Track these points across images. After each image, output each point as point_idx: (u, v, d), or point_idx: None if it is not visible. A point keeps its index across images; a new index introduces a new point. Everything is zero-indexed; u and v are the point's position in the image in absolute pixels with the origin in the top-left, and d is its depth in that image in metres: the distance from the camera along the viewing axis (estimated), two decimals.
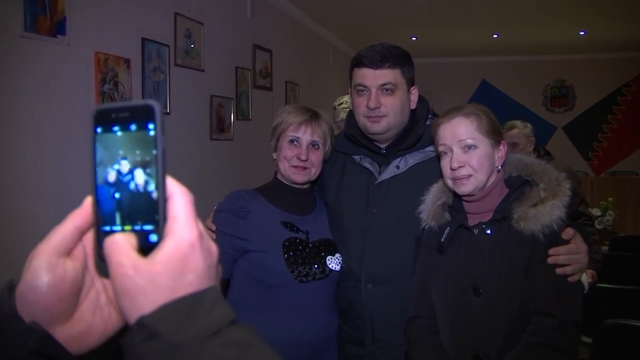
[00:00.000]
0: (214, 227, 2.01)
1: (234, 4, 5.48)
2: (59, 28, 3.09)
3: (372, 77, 1.97)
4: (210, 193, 4.64)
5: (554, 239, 1.63)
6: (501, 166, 1.76)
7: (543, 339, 1.58)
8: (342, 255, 2.06)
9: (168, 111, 4.20)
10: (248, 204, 2.00)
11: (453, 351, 1.72)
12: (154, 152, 0.59)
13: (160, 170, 0.59)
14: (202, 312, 0.55)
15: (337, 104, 3.92)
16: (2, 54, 2.73)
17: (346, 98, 3.82)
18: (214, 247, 0.61)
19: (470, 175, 1.70)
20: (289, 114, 2.03)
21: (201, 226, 0.60)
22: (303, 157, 1.98)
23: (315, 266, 1.97)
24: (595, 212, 7.32)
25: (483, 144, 1.71)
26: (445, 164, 1.74)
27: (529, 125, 3.71)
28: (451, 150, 1.72)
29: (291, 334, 1.93)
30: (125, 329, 0.60)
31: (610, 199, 7.99)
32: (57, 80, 3.12)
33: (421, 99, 2.10)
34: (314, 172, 2.03)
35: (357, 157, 2.11)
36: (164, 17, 4.21)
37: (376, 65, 1.96)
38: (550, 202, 1.62)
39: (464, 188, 1.71)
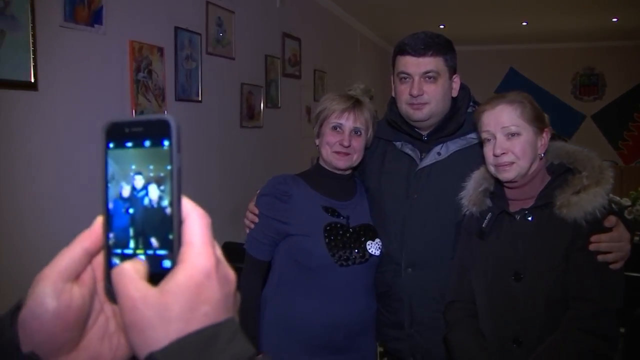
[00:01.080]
0: (257, 211, 2.05)
1: None
2: (95, 18, 3.14)
3: (415, 64, 1.98)
4: (240, 180, 4.70)
5: (597, 226, 1.63)
6: (544, 153, 1.76)
7: (583, 324, 1.59)
8: (382, 240, 2.08)
9: (200, 99, 4.24)
10: (290, 188, 2.03)
11: (492, 335, 1.74)
12: (169, 168, 0.56)
13: (175, 189, 0.56)
14: (218, 349, 0.50)
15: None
16: (44, 44, 2.79)
17: (357, 90, 3.92)
18: (231, 275, 0.56)
19: (512, 162, 1.71)
20: (332, 100, 2.05)
21: (219, 252, 0.56)
22: (345, 144, 2.01)
23: (356, 251, 2.00)
24: (625, 201, 7.25)
25: (526, 131, 1.71)
26: (488, 151, 1.75)
27: (545, 115, 3.68)
28: (494, 137, 1.73)
29: (330, 316, 1.97)
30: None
31: None
32: (93, 68, 3.17)
33: (463, 87, 2.11)
34: (355, 158, 2.05)
35: (398, 144, 2.13)
36: (196, 6, 4.25)
37: (419, 53, 1.97)
38: (593, 190, 1.62)
39: (507, 174, 1.72)
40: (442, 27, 9.04)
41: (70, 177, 3.03)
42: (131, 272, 0.52)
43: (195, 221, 0.55)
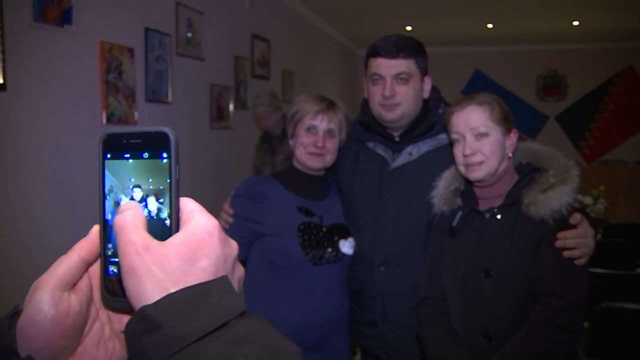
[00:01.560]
0: (231, 211, 2.07)
1: None
2: (65, 17, 3.13)
3: (387, 66, 2.02)
4: (209, 181, 4.70)
5: (563, 223, 1.68)
6: (512, 153, 1.81)
7: (550, 319, 1.64)
8: (355, 239, 2.12)
9: (170, 100, 4.23)
10: (264, 188, 2.06)
11: (463, 330, 1.79)
12: (168, 181, 0.56)
13: (174, 201, 0.56)
14: (210, 303, 0.50)
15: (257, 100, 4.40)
16: (13, 44, 2.77)
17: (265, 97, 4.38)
18: (234, 243, 0.58)
19: (482, 162, 1.76)
20: (306, 102, 2.09)
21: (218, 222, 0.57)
22: (319, 144, 2.04)
23: (329, 249, 2.03)
24: (587, 200, 7.44)
25: (495, 132, 1.76)
26: (458, 151, 1.80)
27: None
28: (464, 138, 1.78)
29: (304, 315, 2.00)
30: None
31: (602, 187, 8.11)
32: (63, 69, 3.16)
33: (434, 89, 2.16)
34: (329, 159, 2.09)
35: (370, 144, 2.17)
36: (166, 7, 4.25)
37: (391, 55, 2.01)
38: (560, 188, 1.68)
39: (476, 174, 1.77)
40: (409, 28, 9.14)
41: (40, 177, 3.01)
42: (135, 219, 0.54)
43: (188, 200, 0.58)
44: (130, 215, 0.54)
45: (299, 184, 2.11)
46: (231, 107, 5.31)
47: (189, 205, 0.57)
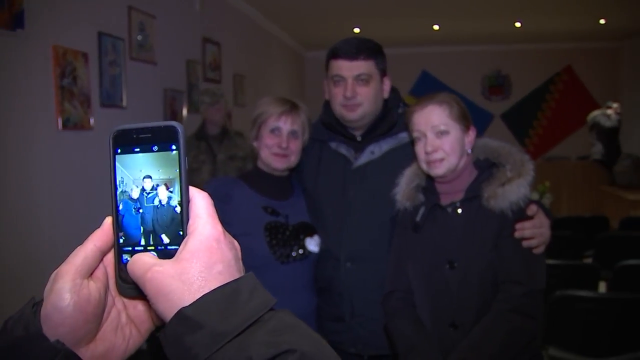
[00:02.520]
0: None
1: None
2: (17, 21, 3.08)
3: (347, 68, 2.08)
4: None
5: (520, 214, 1.77)
6: (471, 150, 1.89)
7: (512, 305, 1.72)
8: (321, 237, 2.17)
9: (124, 105, 4.20)
10: (230, 189, 2.10)
11: (430, 321, 1.85)
12: (177, 171, 0.60)
13: (184, 189, 0.60)
14: (243, 300, 0.55)
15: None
16: None
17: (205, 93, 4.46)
18: (237, 243, 0.62)
19: (443, 159, 1.83)
20: (269, 104, 2.13)
21: (221, 227, 0.61)
22: (283, 145, 2.09)
23: (295, 247, 2.08)
24: (534, 196, 7.66)
25: (454, 130, 1.84)
26: (419, 149, 1.87)
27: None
28: (425, 136, 1.85)
29: None
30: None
31: (547, 182, 8.38)
32: (16, 74, 3.11)
33: (393, 89, 2.22)
34: (293, 160, 2.13)
35: (333, 144, 2.22)
36: (119, 11, 4.22)
37: (351, 56, 2.07)
38: (516, 181, 1.76)
39: (438, 170, 1.84)
40: (357, 30, 9.25)
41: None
42: (142, 256, 0.59)
43: (199, 200, 0.61)
44: (138, 256, 0.59)
45: (264, 185, 2.15)
46: (184, 111, 5.30)
47: (195, 209, 0.60)
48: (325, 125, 2.25)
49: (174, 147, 0.60)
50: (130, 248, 0.61)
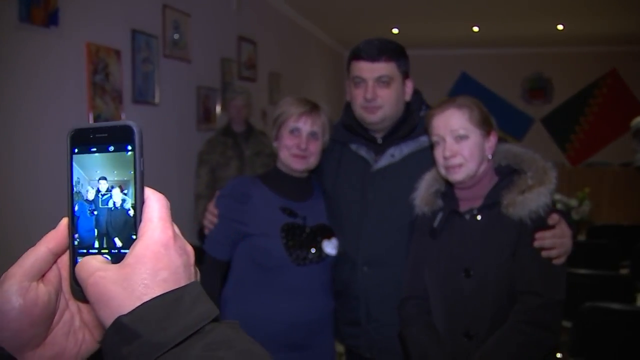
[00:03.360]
0: (216, 212, 2.09)
1: None
2: (52, 19, 3.13)
3: (369, 69, 2.05)
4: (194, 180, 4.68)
5: (541, 223, 1.71)
6: (492, 155, 1.84)
7: (529, 317, 1.68)
8: (339, 239, 2.14)
9: (157, 102, 4.24)
10: (249, 190, 2.09)
11: (445, 330, 1.81)
12: (132, 173, 0.58)
13: (138, 192, 0.58)
14: (183, 310, 0.52)
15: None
16: None
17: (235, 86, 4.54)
18: (189, 248, 0.59)
19: (461, 164, 1.78)
20: (290, 105, 2.11)
21: (176, 229, 0.59)
22: (303, 146, 2.06)
23: (312, 250, 2.07)
24: (573, 202, 7.51)
25: (474, 134, 1.79)
26: (438, 153, 1.83)
27: (493, 118, 3.83)
28: (444, 140, 1.80)
29: (289, 314, 2.03)
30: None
31: (587, 189, 8.18)
32: (50, 70, 3.17)
33: (415, 91, 2.19)
34: (312, 161, 2.11)
35: (353, 146, 2.19)
36: (153, 9, 4.26)
37: (373, 58, 2.04)
38: (537, 189, 1.71)
39: (456, 176, 1.80)
40: (395, 30, 9.18)
41: (26, 178, 3.00)
42: (91, 259, 0.57)
43: (153, 202, 0.58)
44: (87, 258, 0.57)
45: (283, 186, 2.13)
46: (218, 108, 5.32)
47: (147, 212, 0.58)
48: (345, 127, 2.22)
49: (129, 147, 0.58)
50: (85, 250, 0.60)
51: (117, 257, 0.58)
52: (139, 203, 0.58)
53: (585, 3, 7.42)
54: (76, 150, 0.61)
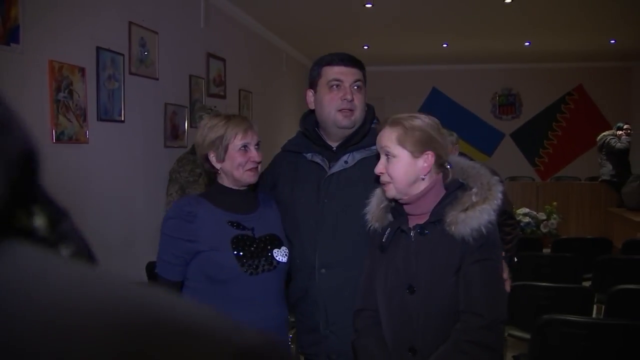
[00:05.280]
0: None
1: (188, 13, 5.56)
2: (12, 36, 3.12)
3: (346, 73, 2.16)
4: (164, 198, 4.68)
5: (483, 241, 1.71)
6: (425, 175, 1.81)
7: (471, 337, 1.68)
8: (296, 245, 2.21)
9: (123, 119, 4.24)
10: (195, 209, 2.11)
11: (391, 343, 1.83)
12: None
13: None
14: None
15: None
16: None
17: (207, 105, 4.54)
18: None
19: (389, 182, 1.81)
20: (226, 124, 2.12)
21: None
22: (257, 160, 2.13)
23: (263, 259, 2.10)
24: (541, 216, 7.63)
25: (403, 154, 1.79)
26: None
27: (454, 133, 3.91)
28: (381, 156, 1.84)
29: (245, 323, 2.04)
30: None
31: (555, 203, 8.32)
32: (10, 88, 3.15)
33: (368, 105, 2.28)
34: (259, 170, 2.18)
35: (308, 155, 2.27)
36: (119, 26, 4.26)
37: (349, 63, 2.18)
38: (480, 207, 1.71)
39: (388, 194, 1.83)
40: (366, 47, 9.29)
41: None
42: None
43: None
44: None
45: (228, 200, 2.17)
46: (186, 125, 5.32)
47: None
48: (305, 134, 2.30)
49: None
50: None
51: None
52: None
53: (551, 21, 7.58)
54: None
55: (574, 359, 2.79)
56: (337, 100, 2.15)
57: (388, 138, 1.81)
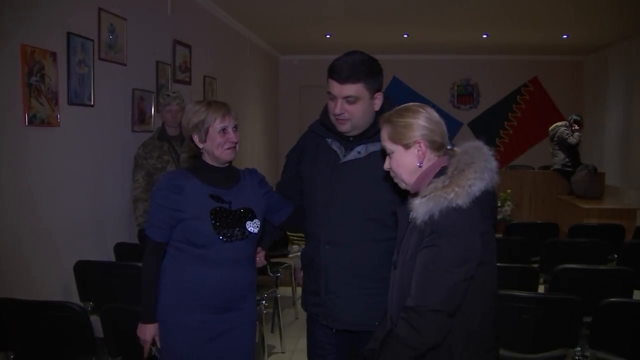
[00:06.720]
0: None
1: (156, 0, 5.65)
2: None
3: (338, 89, 2.34)
4: (130, 181, 4.77)
5: (435, 228, 1.75)
6: (421, 163, 1.89)
7: (403, 314, 1.80)
8: (308, 218, 2.55)
9: (92, 103, 4.33)
10: (182, 182, 2.43)
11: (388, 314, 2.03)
12: None
13: None
14: None
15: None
16: None
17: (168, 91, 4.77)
18: None
19: (395, 177, 1.97)
20: (207, 110, 2.42)
21: None
22: (234, 140, 2.45)
23: (237, 229, 2.43)
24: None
25: (397, 149, 1.92)
26: None
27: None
28: None
29: (216, 280, 2.41)
30: None
31: (509, 190, 8.65)
32: None
33: (386, 98, 2.45)
34: (237, 149, 2.49)
35: (328, 140, 2.50)
36: (88, 12, 4.34)
37: (341, 80, 2.32)
38: (439, 193, 1.75)
39: (400, 187, 1.98)
40: (328, 36, 9.44)
41: None
42: None
43: None
44: None
45: (211, 176, 2.48)
46: (152, 110, 5.42)
47: None
48: (323, 124, 2.53)
49: None
50: None
51: None
52: None
53: (505, 15, 7.83)
54: None
55: (520, 329, 3.04)
56: (332, 109, 2.38)
57: (383, 137, 1.95)
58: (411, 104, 1.98)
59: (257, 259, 2.67)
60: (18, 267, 3.51)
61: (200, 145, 2.46)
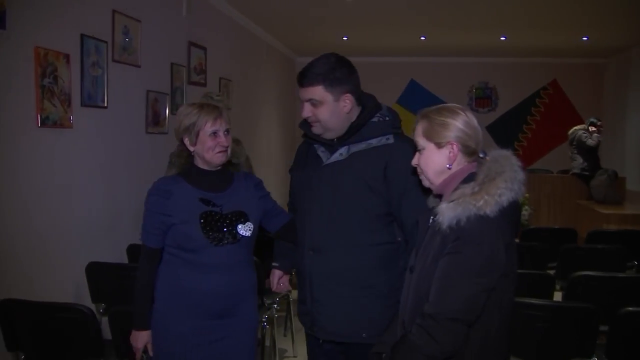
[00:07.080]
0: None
1: (171, 2, 5.65)
2: None
3: (301, 92, 2.39)
4: (145, 184, 4.75)
5: (459, 234, 1.71)
6: (450, 165, 1.86)
7: (419, 320, 1.76)
8: (297, 224, 2.52)
9: (106, 105, 4.33)
10: (171, 187, 2.42)
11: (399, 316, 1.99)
12: None
13: None
14: None
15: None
16: None
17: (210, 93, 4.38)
18: None
19: (421, 173, 1.93)
20: (198, 113, 2.40)
21: None
22: (226, 144, 2.43)
23: (227, 233, 2.40)
24: None
25: (429, 146, 1.87)
26: None
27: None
28: None
29: (210, 285, 2.37)
30: None
31: (527, 195, 8.53)
32: None
33: (369, 98, 2.46)
34: (229, 153, 2.46)
35: (316, 146, 2.50)
36: (103, 14, 4.34)
37: (302, 84, 2.37)
38: (467, 199, 1.72)
39: (423, 184, 1.95)
40: (345, 38, 9.40)
41: None
42: None
43: None
44: None
45: (202, 180, 2.46)
46: (167, 112, 5.42)
47: None
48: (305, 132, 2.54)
49: None
50: None
51: None
52: None
53: (525, 17, 7.74)
54: None
55: (533, 337, 2.97)
56: (301, 112, 2.40)
57: (416, 132, 1.91)
58: (452, 104, 1.94)
59: (281, 284, 2.66)
60: (30, 268, 3.51)
61: (191, 149, 2.44)
